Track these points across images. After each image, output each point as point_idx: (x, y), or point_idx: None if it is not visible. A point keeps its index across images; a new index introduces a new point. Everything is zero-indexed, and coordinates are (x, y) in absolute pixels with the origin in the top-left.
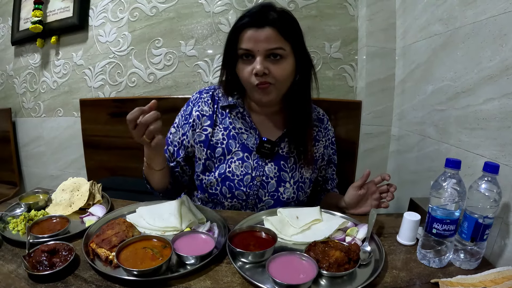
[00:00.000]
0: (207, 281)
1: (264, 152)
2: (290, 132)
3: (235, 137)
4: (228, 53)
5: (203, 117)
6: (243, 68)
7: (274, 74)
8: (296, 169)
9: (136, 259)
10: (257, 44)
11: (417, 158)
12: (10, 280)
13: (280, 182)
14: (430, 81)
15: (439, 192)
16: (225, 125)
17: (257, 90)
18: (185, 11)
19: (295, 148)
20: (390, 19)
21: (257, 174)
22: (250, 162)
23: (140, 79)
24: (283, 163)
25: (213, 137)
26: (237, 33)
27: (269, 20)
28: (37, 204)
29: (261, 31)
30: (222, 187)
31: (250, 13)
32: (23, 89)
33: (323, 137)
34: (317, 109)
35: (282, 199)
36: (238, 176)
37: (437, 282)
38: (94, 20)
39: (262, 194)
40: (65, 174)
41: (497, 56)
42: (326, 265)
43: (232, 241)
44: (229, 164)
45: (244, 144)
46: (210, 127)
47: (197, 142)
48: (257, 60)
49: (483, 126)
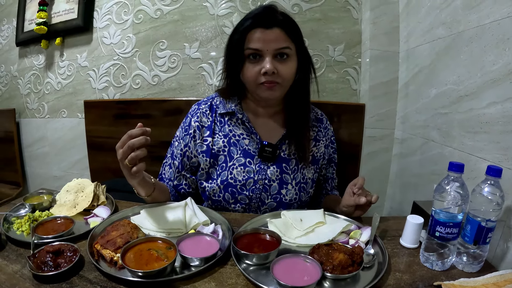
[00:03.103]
0: (212, 282)
1: (266, 156)
2: (290, 133)
3: (236, 144)
4: (232, 54)
5: (202, 128)
6: (250, 68)
7: (281, 73)
8: (298, 170)
9: (141, 261)
10: (267, 44)
11: (420, 161)
12: (14, 281)
13: (282, 184)
14: (434, 85)
15: (442, 195)
16: (225, 133)
17: (263, 88)
18: (190, 14)
19: (296, 150)
20: (394, 23)
21: (259, 177)
22: (253, 167)
23: (144, 81)
24: (285, 165)
25: (214, 146)
26: (244, 33)
27: (277, 21)
28: (42, 205)
29: (270, 31)
30: (225, 193)
31: (256, 15)
32: (27, 90)
33: (323, 137)
34: (315, 110)
35: (285, 201)
36: (240, 182)
37: (440, 285)
38: (99, 22)
39: (265, 197)
40: (69, 175)
41: (500, 60)
42: (330, 267)
43: (237, 243)
44: (230, 170)
45: (245, 150)
46: (210, 137)
47: (199, 152)
48: (267, 59)
49: (486, 129)
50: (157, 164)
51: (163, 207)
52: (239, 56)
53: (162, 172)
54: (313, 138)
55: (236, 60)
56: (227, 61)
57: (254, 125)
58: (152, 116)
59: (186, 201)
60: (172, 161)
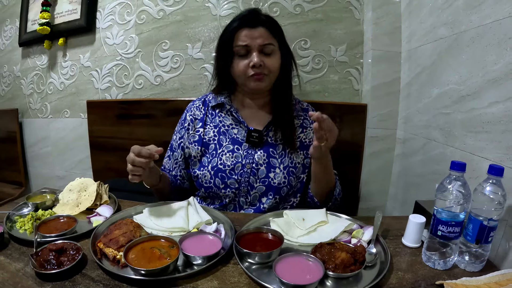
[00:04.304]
0: (214, 281)
1: (253, 141)
2: (276, 120)
3: (225, 133)
4: (222, 52)
5: (195, 120)
6: (239, 63)
7: (268, 65)
8: (285, 155)
9: (143, 259)
10: (253, 40)
11: (422, 161)
12: (17, 279)
13: (270, 168)
14: (435, 85)
15: (444, 194)
16: (215, 123)
17: (252, 79)
18: (192, 14)
19: (282, 136)
20: (396, 23)
21: (247, 161)
22: (240, 152)
23: (147, 81)
24: (271, 150)
25: (206, 136)
26: (232, 33)
27: (261, 21)
28: (44, 203)
29: (255, 30)
30: (215, 179)
31: (243, 16)
32: (30, 90)
33: (310, 124)
34: (301, 102)
35: (274, 184)
36: (229, 166)
37: (442, 284)
38: (102, 23)
39: (254, 180)
40: (71, 175)
41: (502, 59)
42: (332, 266)
43: (239, 242)
44: (220, 157)
45: (234, 138)
46: (202, 128)
47: (191, 142)
48: (254, 54)
49: (488, 129)
50: (160, 163)
51: (166, 206)
52: (229, 53)
53: (164, 164)
54: (299, 125)
55: (226, 57)
56: (217, 59)
57: (242, 115)
58: (154, 116)
59: (188, 201)
60: (172, 153)
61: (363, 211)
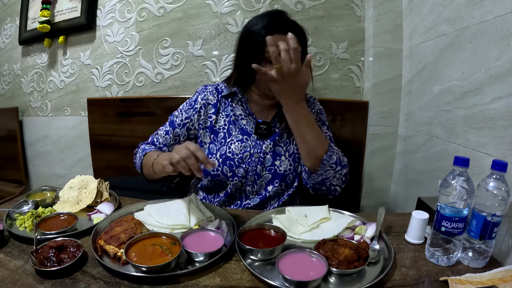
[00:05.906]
0: (216, 278)
1: (261, 133)
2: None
3: (235, 122)
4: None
5: (208, 105)
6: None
7: None
8: (290, 142)
9: (145, 256)
10: None
11: (424, 158)
12: (17, 276)
13: (276, 156)
14: (437, 81)
15: (448, 190)
16: (227, 113)
17: None
18: (193, 12)
19: (286, 125)
20: (397, 20)
21: (255, 151)
22: (249, 143)
23: (148, 79)
24: (277, 138)
25: (217, 123)
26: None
27: (291, 27)
28: (45, 201)
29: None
30: (224, 166)
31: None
32: (30, 89)
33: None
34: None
35: (280, 171)
36: (237, 155)
37: (446, 280)
38: (102, 20)
39: (260, 169)
40: (72, 173)
41: (504, 55)
42: (335, 262)
43: (241, 239)
44: (229, 145)
45: (243, 129)
46: (214, 115)
47: (202, 127)
48: None
49: (491, 125)
50: None
51: (167, 203)
52: (259, 57)
53: (156, 137)
54: None
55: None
56: (241, 58)
57: (251, 109)
58: (155, 114)
59: (190, 197)
60: (172, 129)
61: (365, 209)
